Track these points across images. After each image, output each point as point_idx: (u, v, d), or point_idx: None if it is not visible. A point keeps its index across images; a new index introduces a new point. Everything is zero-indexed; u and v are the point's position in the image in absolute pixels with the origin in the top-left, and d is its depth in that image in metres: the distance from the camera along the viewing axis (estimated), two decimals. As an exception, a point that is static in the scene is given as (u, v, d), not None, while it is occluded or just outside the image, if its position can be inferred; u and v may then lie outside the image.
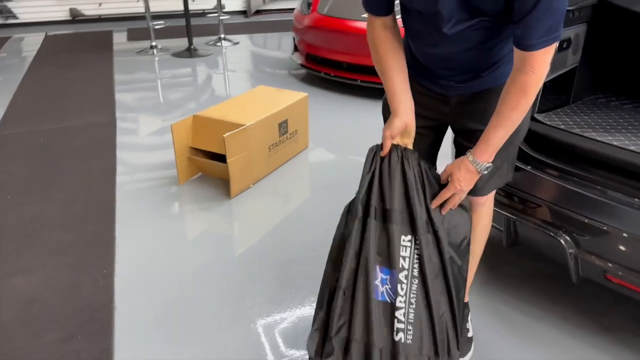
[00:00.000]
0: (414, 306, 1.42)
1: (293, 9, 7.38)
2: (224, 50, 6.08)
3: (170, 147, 3.32)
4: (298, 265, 2.27)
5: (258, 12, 7.42)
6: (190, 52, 5.75)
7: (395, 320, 1.41)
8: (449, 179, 1.42)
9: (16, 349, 1.81)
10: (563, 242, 1.70)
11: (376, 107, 4.14)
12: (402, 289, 1.42)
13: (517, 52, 1.25)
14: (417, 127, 1.48)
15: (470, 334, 1.83)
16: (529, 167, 1.81)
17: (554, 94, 2.01)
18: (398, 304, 1.41)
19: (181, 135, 2.88)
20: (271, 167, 3.09)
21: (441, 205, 1.44)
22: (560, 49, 1.92)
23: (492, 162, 1.39)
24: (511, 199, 1.85)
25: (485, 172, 1.39)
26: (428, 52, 1.45)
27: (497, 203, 1.83)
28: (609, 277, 1.66)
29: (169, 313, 2.00)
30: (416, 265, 1.43)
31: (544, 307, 1.99)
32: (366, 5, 1.43)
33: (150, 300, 2.07)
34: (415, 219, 1.39)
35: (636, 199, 1.57)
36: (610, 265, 1.63)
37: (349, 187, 2.89)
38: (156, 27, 5.90)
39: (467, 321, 1.84)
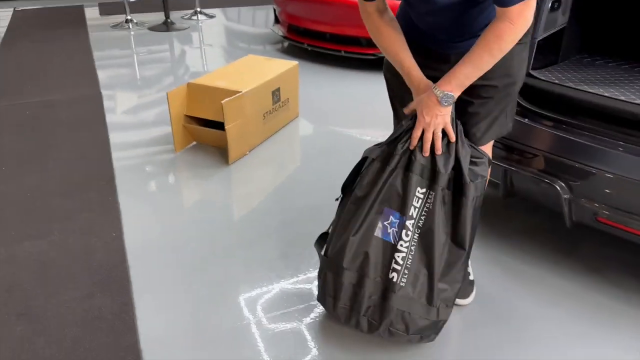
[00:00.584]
0: (413, 253, 1.54)
1: (267, -17, 7.37)
2: (200, 24, 6.03)
3: (160, 119, 3.35)
4: (302, 225, 2.35)
5: (231, -14, 7.33)
6: (167, 26, 5.69)
7: (393, 261, 1.54)
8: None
9: (36, 307, 1.85)
10: (558, 188, 1.83)
11: (360, 77, 4.28)
12: (407, 235, 1.53)
13: (497, 8, 1.34)
14: None
15: (471, 277, 1.95)
16: (525, 119, 1.92)
17: (545, 52, 2.13)
18: (400, 247, 1.53)
19: (176, 103, 2.90)
20: (265, 135, 3.15)
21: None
22: (552, 9, 2.03)
23: (455, 96, 1.46)
24: (508, 151, 1.96)
25: (445, 103, 1.45)
26: (425, 20, 1.54)
27: (495, 156, 1.94)
28: (599, 219, 1.80)
29: (182, 271, 2.06)
30: (423, 218, 1.54)
31: (537, 254, 2.14)
32: None
33: (163, 259, 2.12)
34: (438, 173, 1.50)
35: (625, 144, 1.70)
36: (601, 207, 1.77)
37: (340, 153, 3.00)
38: (131, 0, 5.80)
39: (468, 265, 1.97)
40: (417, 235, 1.54)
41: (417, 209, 1.53)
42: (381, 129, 3.18)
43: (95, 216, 2.39)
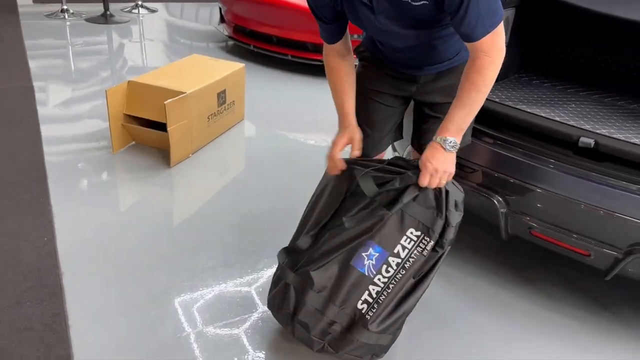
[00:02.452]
0: (389, 291, 1.51)
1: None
2: (141, 18, 5.85)
3: (96, 115, 3.22)
4: (246, 232, 2.33)
5: (175, -20, 7.15)
6: (105, 18, 5.47)
7: (366, 293, 1.51)
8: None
9: (-42, 317, 1.73)
10: (496, 202, 1.91)
11: (306, 82, 4.28)
12: (387, 272, 1.51)
13: (467, 44, 1.36)
14: (388, 105, 1.69)
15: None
16: (467, 135, 1.99)
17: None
18: (376, 281, 1.51)
19: (115, 101, 2.79)
20: (209, 137, 3.09)
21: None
22: (493, 29, 2.12)
23: (457, 140, 1.44)
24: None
25: (451, 148, 1.43)
26: (392, 52, 1.59)
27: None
28: (533, 233, 1.90)
29: (119, 278, 1.98)
30: (411, 260, 1.51)
31: (475, 263, 2.22)
32: (323, 37, 1.58)
33: (98, 265, 2.04)
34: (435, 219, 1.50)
35: (556, 162, 1.80)
36: (534, 221, 1.86)
37: (285, 158, 3.00)
38: (67, -11, 5.54)
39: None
40: (400, 275, 1.51)
41: (406, 250, 1.51)
42: (325, 133, 3.20)
43: (26, 218, 2.25)
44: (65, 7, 5.50)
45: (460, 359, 1.76)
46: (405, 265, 1.51)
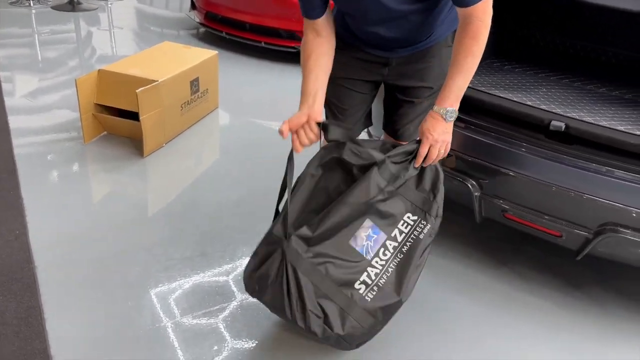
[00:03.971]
0: (388, 275, 1.50)
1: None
2: (109, 5, 5.70)
3: (65, 105, 3.16)
4: (223, 220, 2.32)
5: (143, -33, 6.99)
6: (72, 6, 5.32)
7: (365, 274, 1.48)
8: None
9: None
10: (470, 186, 1.94)
11: (280, 70, 4.25)
12: (384, 255, 1.49)
13: (460, 9, 1.37)
14: (360, 92, 1.66)
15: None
16: (441, 121, 2.01)
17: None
18: (374, 264, 1.48)
19: (86, 91, 2.73)
20: (183, 126, 3.05)
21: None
22: (466, 15, 2.13)
23: (456, 109, 1.45)
24: (425, 150, 2.04)
25: (450, 118, 1.45)
26: (369, 32, 1.54)
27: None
28: (506, 216, 1.94)
29: (94, 270, 1.96)
30: (408, 244, 1.51)
31: (449, 246, 2.25)
32: (302, 10, 1.50)
33: (73, 258, 2.00)
34: (432, 202, 1.54)
35: (528, 145, 1.84)
36: (508, 204, 1.90)
37: (260, 146, 2.98)
38: (32, -25, 5.36)
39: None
40: (398, 260, 1.51)
41: (403, 234, 1.51)
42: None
43: (-5, 212, 2.20)
44: (29, -6, 5.34)
45: (436, 344, 1.79)
46: (403, 249, 1.51)
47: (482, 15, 1.36)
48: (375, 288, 1.48)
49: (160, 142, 2.86)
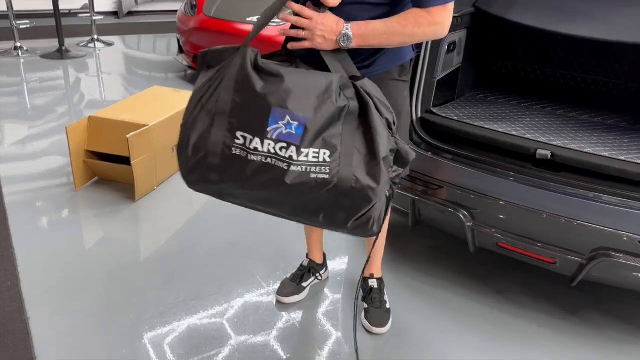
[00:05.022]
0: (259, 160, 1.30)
1: (166, 11, 7.28)
2: (97, 52, 5.79)
3: (55, 152, 3.16)
4: (217, 261, 2.31)
5: (130, 13, 7.14)
6: (61, 54, 5.39)
7: (249, 139, 1.29)
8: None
9: None
10: (462, 217, 1.95)
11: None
12: (281, 151, 1.28)
13: (418, 11, 1.35)
14: None
15: (388, 306, 2.02)
16: (429, 153, 2.05)
17: (444, 90, 2.29)
18: (265, 143, 1.28)
19: (76, 138, 2.75)
20: (174, 168, 3.06)
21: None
22: (448, 51, 2.20)
23: (352, 38, 1.36)
24: (415, 182, 2.07)
25: (343, 42, 1.35)
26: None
27: (402, 187, 2.05)
28: (500, 245, 1.95)
29: (88, 319, 1.93)
30: (297, 169, 1.29)
31: (445, 277, 2.25)
32: None
33: (67, 307, 1.98)
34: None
35: (516, 174, 1.87)
36: (500, 233, 1.92)
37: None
38: (21, 27, 5.43)
39: (384, 294, 2.04)
40: (272, 164, 1.31)
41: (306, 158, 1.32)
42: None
43: (-14, 263, 2.18)
44: (18, 44, 5.40)
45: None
46: (292, 166, 1.28)
47: (440, 19, 1.36)
48: (244, 153, 1.31)
49: (151, 186, 2.87)
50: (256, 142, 1.29)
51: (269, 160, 1.28)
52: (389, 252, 2.35)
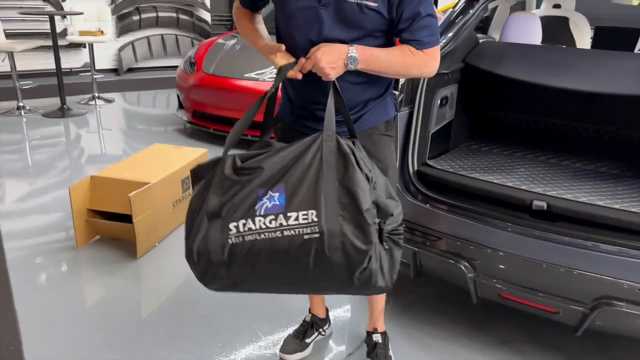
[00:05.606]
0: (254, 239, 1.38)
1: (165, 67, 7.47)
2: (98, 109, 5.91)
3: (57, 209, 3.19)
4: (220, 319, 2.30)
5: (130, 70, 7.33)
6: (63, 112, 5.49)
7: (242, 222, 1.37)
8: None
9: None
10: (463, 268, 1.97)
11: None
12: (270, 222, 1.37)
13: (414, 49, 1.48)
14: None
15: (393, 361, 2.01)
16: (427, 205, 2.08)
17: (439, 142, 2.35)
18: (256, 220, 1.37)
19: (79, 198, 2.78)
20: (175, 224, 3.09)
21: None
22: (441, 105, 2.27)
23: (359, 60, 1.43)
24: (415, 234, 2.10)
25: (351, 64, 1.42)
26: (304, 92, 1.61)
27: (404, 239, 2.06)
28: (503, 295, 1.96)
29: (92, 383, 1.91)
30: (291, 232, 1.37)
31: (449, 328, 2.24)
32: None
33: (69, 372, 1.96)
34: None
35: (513, 225, 1.90)
36: (502, 284, 1.93)
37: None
38: (24, 87, 5.56)
39: (389, 349, 2.03)
40: (272, 235, 1.40)
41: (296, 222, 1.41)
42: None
43: (-13, 328, 2.17)
44: (21, 103, 5.52)
45: None
46: (284, 232, 1.36)
47: (431, 59, 1.50)
48: (240, 238, 1.38)
49: (153, 243, 2.88)
50: (249, 223, 1.37)
51: (262, 235, 1.37)
52: (391, 303, 2.35)
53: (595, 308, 1.74)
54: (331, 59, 1.41)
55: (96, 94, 6.07)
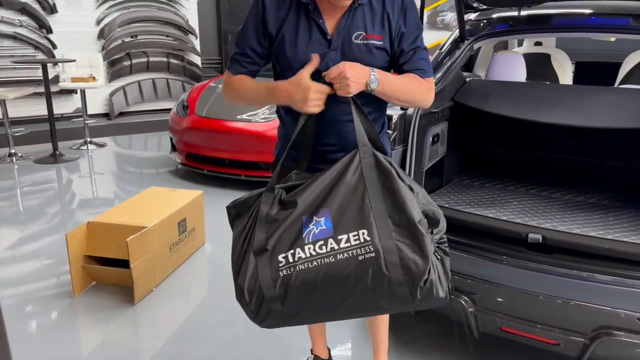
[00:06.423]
0: (310, 265, 1.39)
1: (156, 110, 7.54)
2: (90, 154, 5.93)
3: (52, 256, 3.18)
4: (221, 362, 2.28)
5: (122, 114, 7.39)
6: (55, 158, 5.50)
7: (292, 251, 1.40)
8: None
9: None
10: (463, 303, 1.99)
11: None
12: (320, 248, 1.38)
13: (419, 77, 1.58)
14: None
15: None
16: (425, 241, 2.11)
17: (432, 178, 2.40)
18: (305, 249, 1.39)
19: (75, 244, 2.77)
20: (172, 267, 3.08)
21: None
22: (433, 142, 2.33)
23: (379, 82, 1.46)
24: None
25: (372, 84, 1.44)
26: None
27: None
28: (504, 329, 1.97)
29: None
30: (344, 255, 1.38)
31: (451, 364, 2.24)
32: (232, 68, 1.63)
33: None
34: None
35: (509, 258, 1.93)
36: (502, 317, 1.94)
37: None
38: (16, 134, 5.59)
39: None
40: (328, 260, 1.41)
41: (348, 244, 1.44)
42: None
43: (-16, 381, 2.13)
44: (13, 150, 5.53)
45: None
46: (338, 255, 1.37)
47: (431, 87, 1.62)
48: (291, 269, 1.39)
49: (150, 287, 2.87)
50: (298, 253, 1.38)
51: (315, 262, 1.37)
52: (392, 340, 2.34)
53: (595, 338, 1.76)
54: (356, 74, 1.42)
55: (88, 139, 6.11)
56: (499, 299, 1.95)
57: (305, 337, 2.20)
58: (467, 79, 2.70)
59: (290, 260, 1.39)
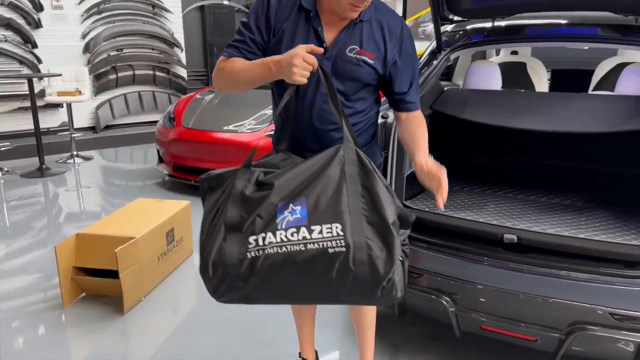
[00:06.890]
0: (275, 252, 1.41)
1: (142, 123, 7.57)
2: (77, 167, 5.94)
3: (40, 269, 3.20)
4: (210, 368, 2.32)
5: (108, 127, 7.41)
6: (41, 172, 5.51)
7: (261, 235, 1.41)
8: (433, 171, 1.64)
9: None
10: (444, 303, 2.05)
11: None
12: (292, 236, 1.40)
13: (404, 114, 1.71)
14: None
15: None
16: (407, 244, 2.18)
17: (413, 184, 2.47)
18: (277, 234, 1.40)
19: (64, 256, 2.80)
20: (160, 277, 3.11)
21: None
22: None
23: None
24: (397, 274, 2.18)
25: None
26: (303, 118, 1.66)
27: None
28: (483, 327, 2.04)
29: None
30: (315, 246, 1.39)
31: (435, 364, 2.31)
32: (227, 50, 1.65)
33: None
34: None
35: (488, 259, 2.00)
36: (483, 316, 2.01)
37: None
38: (2, 149, 5.59)
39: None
40: (296, 248, 1.43)
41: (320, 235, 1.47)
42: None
43: (-25, 392, 2.15)
44: (-2, 165, 5.54)
45: None
46: (308, 245, 1.39)
47: (423, 121, 1.75)
48: (260, 251, 1.41)
49: (139, 297, 2.90)
50: (269, 237, 1.40)
51: (284, 248, 1.39)
52: (377, 343, 2.39)
53: (570, 333, 1.84)
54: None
55: (75, 153, 6.12)
56: (479, 299, 2.02)
57: (294, 343, 2.25)
58: (445, 88, 2.79)
59: (260, 243, 1.40)
